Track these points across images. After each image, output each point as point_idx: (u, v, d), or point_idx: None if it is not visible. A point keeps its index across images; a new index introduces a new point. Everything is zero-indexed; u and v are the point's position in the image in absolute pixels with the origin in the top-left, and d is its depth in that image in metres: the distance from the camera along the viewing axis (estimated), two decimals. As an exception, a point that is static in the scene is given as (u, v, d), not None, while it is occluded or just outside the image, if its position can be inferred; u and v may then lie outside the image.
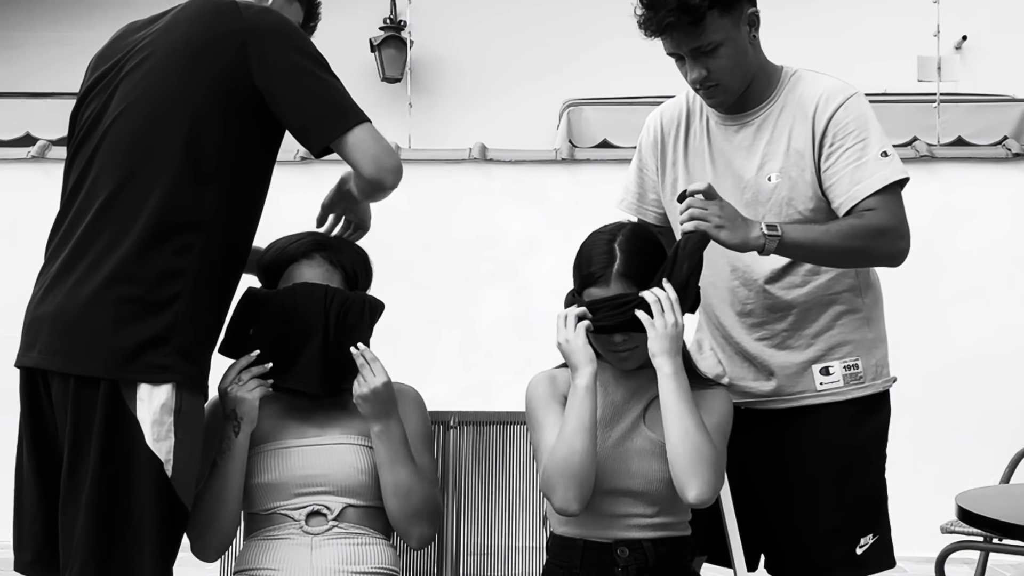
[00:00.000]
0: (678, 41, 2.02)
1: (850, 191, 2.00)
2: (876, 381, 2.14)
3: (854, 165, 2.00)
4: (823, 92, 2.06)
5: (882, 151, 2.01)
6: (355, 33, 6.99)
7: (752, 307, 2.14)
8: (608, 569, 1.91)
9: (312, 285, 2.02)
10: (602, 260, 1.91)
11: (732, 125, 2.13)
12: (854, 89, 2.08)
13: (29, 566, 1.87)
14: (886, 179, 1.99)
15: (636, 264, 1.90)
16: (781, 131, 2.08)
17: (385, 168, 1.86)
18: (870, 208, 1.99)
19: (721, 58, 2.01)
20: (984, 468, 3.86)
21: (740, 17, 2.02)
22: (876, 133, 2.03)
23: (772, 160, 2.08)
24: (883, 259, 2.07)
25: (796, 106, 2.08)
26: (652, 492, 1.92)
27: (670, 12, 1.96)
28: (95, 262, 1.78)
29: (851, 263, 2.07)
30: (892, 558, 2.15)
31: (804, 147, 2.06)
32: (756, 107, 2.11)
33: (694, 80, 2.06)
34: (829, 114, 2.03)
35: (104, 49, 2.00)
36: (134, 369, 1.75)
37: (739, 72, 2.05)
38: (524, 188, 4.95)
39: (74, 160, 1.92)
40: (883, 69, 6.48)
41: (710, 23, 1.98)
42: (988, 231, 4.79)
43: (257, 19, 1.87)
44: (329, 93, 1.86)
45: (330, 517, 1.98)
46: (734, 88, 2.07)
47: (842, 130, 2.02)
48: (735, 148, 2.13)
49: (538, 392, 2.02)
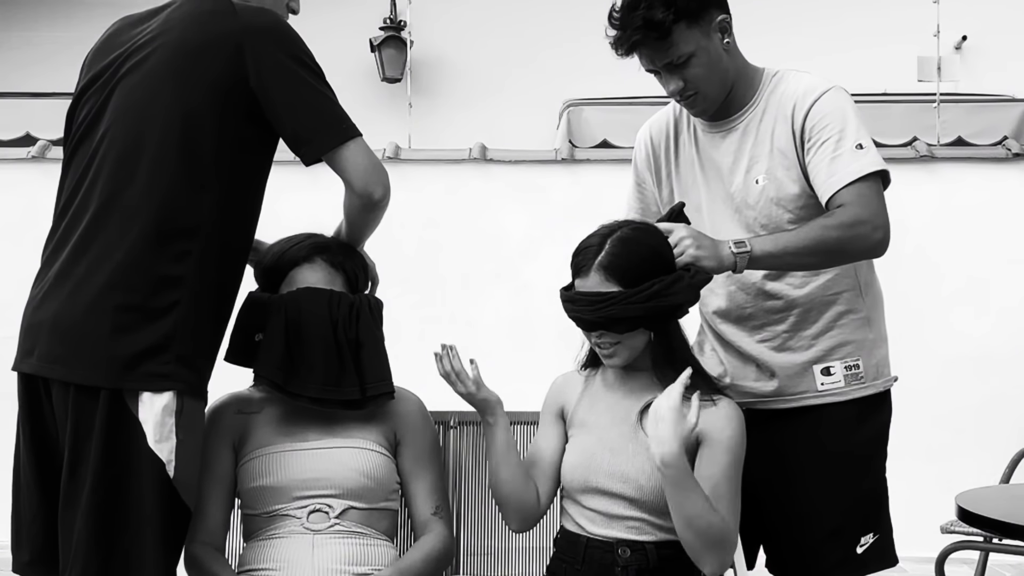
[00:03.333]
0: (650, 57, 2.04)
1: (826, 183, 2.00)
2: (877, 381, 2.14)
3: (830, 158, 2.00)
4: (801, 89, 2.07)
5: (857, 143, 2.00)
6: (355, 33, 7.00)
7: (751, 310, 2.13)
8: (609, 568, 1.91)
9: (317, 290, 2.02)
10: (591, 251, 1.91)
11: (718, 132, 2.14)
12: (832, 84, 2.07)
13: (27, 566, 1.87)
14: (859, 171, 1.98)
15: (620, 258, 1.89)
16: (765, 133, 2.09)
17: (375, 183, 1.88)
18: (843, 201, 1.97)
19: (695, 68, 2.03)
20: (984, 468, 3.86)
21: (709, 26, 2.03)
22: (853, 126, 2.02)
23: (759, 162, 2.09)
24: (861, 253, 2.03)
25: (777, 106, 2.08)
26: (648, 500, 1.91)
27: (636, 30, 1.99)
28: (92, 268, 1.77)
29: (829, 261, 2.04)
30: (894, 556, 2.15)
31: (786, 146, 2.06)
32: (739, 112, 2.12)
33: (672, 92, 2.08)
34: (806, 110, 2.04)
35: (100, 45, 1.99)
36: (134, 378, 1.74)
37: (716, 79, 2.06)
38: (524, 188, 4.94)
39: (71, 162, 1.91)
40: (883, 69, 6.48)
41: (678, 36, 1.99)
42: (988, 231, 4.79)
43: (253, 21, 1.85)
44: (324, 104, 1.87)
45: (332, 515, 1.98)
46: (713, 96, 2.08)
47: (819, 124, 2.02)
48: (723, 155, 2.13)
49: (545, 399, 2.11)
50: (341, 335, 1.99)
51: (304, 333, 1.98)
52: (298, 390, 1.98)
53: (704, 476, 1.88)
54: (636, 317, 1.88)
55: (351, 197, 1.92)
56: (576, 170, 4.96)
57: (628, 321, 1.89)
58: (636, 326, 1.91)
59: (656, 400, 1.84)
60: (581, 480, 1.96)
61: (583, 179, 4.89)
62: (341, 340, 1.99)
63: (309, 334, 1.98)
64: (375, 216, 1.97)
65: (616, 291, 1.87)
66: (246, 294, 2.03)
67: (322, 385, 1.98)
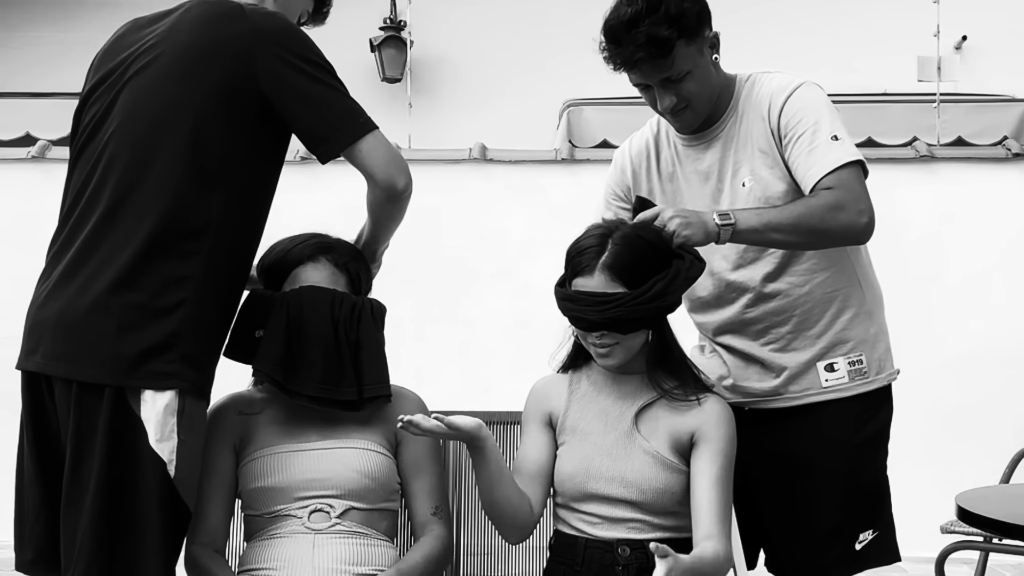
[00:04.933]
0: (647, 73, 2.04)
1: (806, 175, 2.01)
2: (880, 375, 2.14)
3: (807, 150, 2.01)
4: (774, 87, 2.08)
5: (832, 135, 2.01)
6: (355, 33, 6.99)
7: (754, 314, 2.13)
8: (609, 568, 1.91)
9: (320, 289, 2.01)
10: (592, 251, 1.91)
11: (699, 144, 2.15)
12: (803, 79, 2.09)
13: (30, 565, 1.87)
14: (837, 160, 1.98)
15: (625, 259, 1.88)
16: (745, 136, 2.10)
17: (397, 173, 1.88)
18: (827, 187, 1.98)
19: (690, 83, 2.04)
20: (984, 468, 3.86)
21: (703, 42, 2.05)
22: (827, 118, 2.03)
23: (743, 166, 2.10)
24: (844, 235, 2.01)
25: (754, 109, 2.09)
26: (648, 502, 1.91)
27: (639, 47, 1.98)
28: (99, 267, 1.77)
29: (812, 241, 2.02)
30: (895, 552, 2.15)
31: (767, 145, 2.07)
32: (718, 122, 2.13)
33: (666, 108, 2.08)
34: (780, 107, 2.05)
35: (108, 47, 1.98)
36: (138, 376, 1.74)
37: (707, 95, 2.08)
38: (524, 188, 4.95)
39: (77, 162, 1.91)
40: (883, 69, 6.48)
41: (678, 53, 2.00)
42: (988, 231, 4.79)
43: (263, 24, 1.85)
44: (339, 101, 1.86)
45: (333, 515, 1.98)
46: (702, 110, 2.10)
47: (792, 119, 2.03)
48: (707, 165, 2.14)
49: (526, 405, 2.08)
50: (342, 335, 1.99)
51: (305, 331, 1.97)
52: (297, 388, 1.98)
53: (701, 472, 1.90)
54: (641, 318, 1.89)
55: (374, 190, 1.91)
56: (576, 170, 4.96)
57: (634, 322, 1.89)
58: (640, 327, 1.91)
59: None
60: (579, 488, 1.95)
61: (583, 179, 4.89)
62: (341, 340, 1.98)
63: (310, 332, 1.97)
64: (399, 207, 1.96)
65: (622, 292, 1.87)
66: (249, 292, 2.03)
67: (321, 384, 1.97)
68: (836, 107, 2.08)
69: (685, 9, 1.99)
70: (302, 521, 1.97)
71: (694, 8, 2.02)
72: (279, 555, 1.95)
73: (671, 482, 1.92)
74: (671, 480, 1.92)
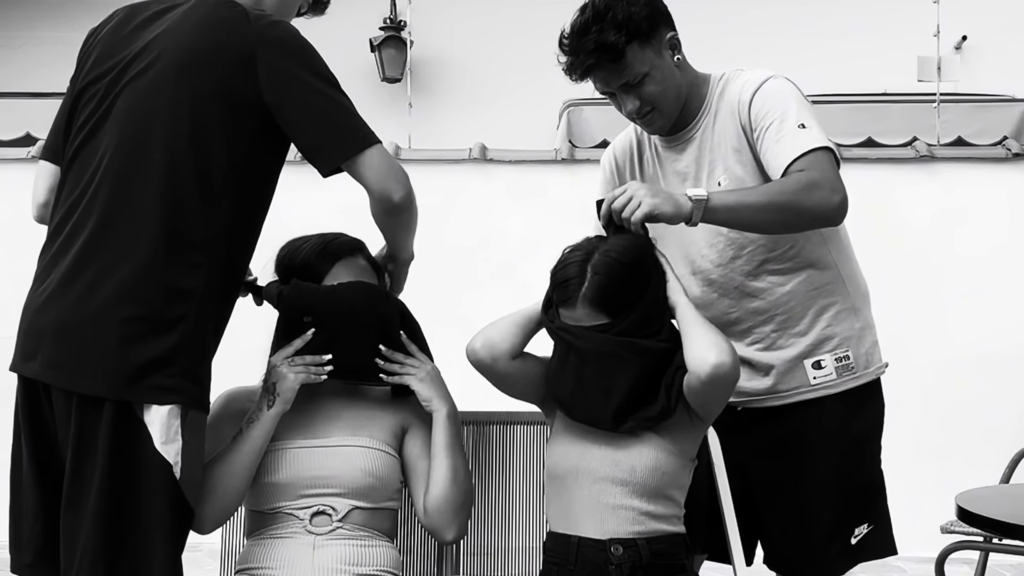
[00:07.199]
0: (605, 80, 2.07)
1: (774, 163, 2.00)
2: (868, 370, 2.15)
3: (775, 140, 2.01)
4: (742, 85, 2.09)
5: (799, 123, 2.00)
6: (355, 33, 6.99)
7: (737, 314, 2.14)
8: (602, 567, 1.91)
9: (369, 284, 2.06)
10: (574, 282, 1.90)
11: (676, 145, 2.16)
12: (772, 73, 2.09)
13: (29, 568, 1.85)
14: (804, 146, 1.97)
15: (606, 290, 1.88)
16: (720, 136, 2.10)
17: (394, 185, 1.85)
18: (799, 170, 1.97)
19: (650, 86, 2.06)
20: (984, 468, 3.86)
21: (661, 44, 2.06)
22: (794, 108, 2.02)
23: (718, 165, 2.11)
24: (818, 213, 1.97)
25: (726, 107, 2.10)
26: (638, 481, 1.91)
27: (590, 54, 2.02)
28: (99, 276, 1.75)
29: (787, 221, 1.99)
30: (891, 545, 2.16)
31: (739, 142, 2.08)
32: (693, 122, 2.14)
33: (631, 112, 2.10)
34: (748, 102, 2.06)
35: (106, 36, 1.93)
36: (139, 390, 1.72)
37: (671, 96, 2.09)
38: (524, 188, 4.95)
39: (72, 164, 1.87)
40: (883, 69, 6.48)
41: (632, 57, 2.02)
42: (988, 231, 4.79)
43: (267, 31, 1.83)
44: (341, 113, 1.84)
45: (335, 518, 1.98)
46: (669, 112, 2.11)
47: (759, 111, 2.04)
48: (684, 166, 2.15)
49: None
50: (384, 331, 2.05)
51: (350, 323, 2.01)
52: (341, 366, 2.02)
53: None
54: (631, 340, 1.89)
55: (372, 203, 1.89)
56: (576, 170, 4.96)
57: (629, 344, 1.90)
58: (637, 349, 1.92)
59: None
60: (572, 465, 1.96)
61: (583, 179, 4.88)
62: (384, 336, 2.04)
63: (354, 324, 2.01)
64: (400, 220, 1.94)
65: (606, 323, 1.89)
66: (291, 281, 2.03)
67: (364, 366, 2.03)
68: (808, 100, 2.07)
69: (633, 13, 2.01)
70: (303, 524, 1.97)
71: (643, 12, 2.03)
72: (279, 555, 1.96)
73: (662, 461, 1.93)
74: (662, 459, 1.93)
